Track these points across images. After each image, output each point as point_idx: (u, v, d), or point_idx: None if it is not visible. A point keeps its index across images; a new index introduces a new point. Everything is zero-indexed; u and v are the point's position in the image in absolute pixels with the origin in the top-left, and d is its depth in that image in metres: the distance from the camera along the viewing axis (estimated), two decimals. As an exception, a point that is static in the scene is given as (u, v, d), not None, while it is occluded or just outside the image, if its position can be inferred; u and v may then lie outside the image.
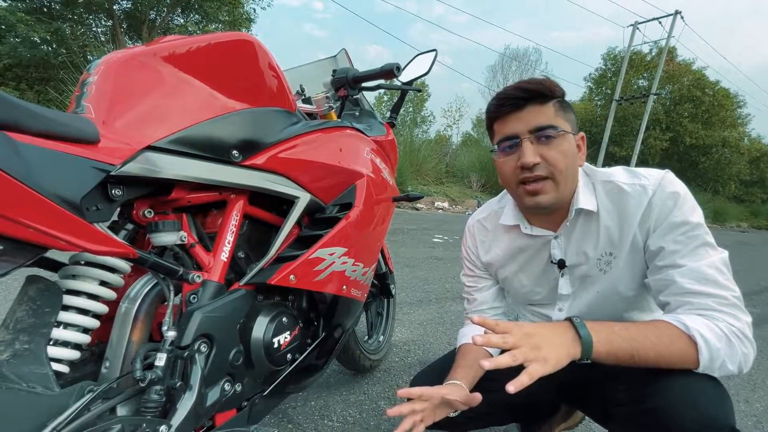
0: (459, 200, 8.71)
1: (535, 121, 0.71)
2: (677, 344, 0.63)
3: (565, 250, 0.82)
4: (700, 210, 0.71)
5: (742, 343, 0.64)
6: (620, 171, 0.78)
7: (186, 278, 0.66)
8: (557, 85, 0.73)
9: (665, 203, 0.70)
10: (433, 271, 3.16)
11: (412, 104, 20.75)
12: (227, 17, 10.28)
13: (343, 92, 1.15)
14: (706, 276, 0.66)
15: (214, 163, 0.67)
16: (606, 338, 0.64)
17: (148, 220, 0.66)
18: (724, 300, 0.65)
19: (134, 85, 0.63)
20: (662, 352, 0.63)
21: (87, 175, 0.50)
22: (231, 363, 0.70)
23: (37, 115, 0.48)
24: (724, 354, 0.63)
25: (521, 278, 0.91)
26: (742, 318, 0.65)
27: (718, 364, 0.63)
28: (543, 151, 0.71)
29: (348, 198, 0.95)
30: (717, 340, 0.63)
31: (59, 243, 0.46)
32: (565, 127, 0.72)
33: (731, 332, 0.64)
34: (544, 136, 0.71)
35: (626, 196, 0.73)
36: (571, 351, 0.62)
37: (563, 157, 0.72)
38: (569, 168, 0.73)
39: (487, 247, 0.94)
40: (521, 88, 0.72)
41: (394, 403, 1.35)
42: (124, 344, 0.63)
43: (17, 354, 0.50)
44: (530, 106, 0.72)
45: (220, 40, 0.72)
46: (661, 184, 0.71)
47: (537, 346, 0.60)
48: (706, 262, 0.67)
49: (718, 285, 0.66)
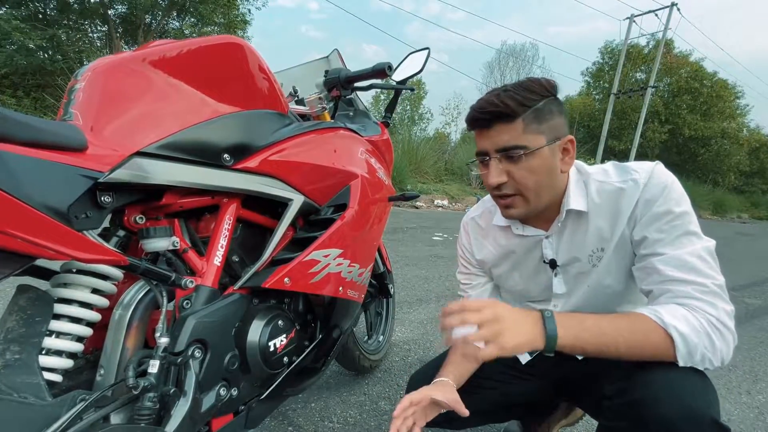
0: (459, 198, 8.69)
1: (501, 141, 0.71)
2: (651, 338, 0.64)
3: (556, 250, 0.82)
4: (688, 200, 0.71)
5: (721, 336, 0.63)
6: (611, 168, 0.77)
7: (179, 284, 0.66)
8: (533, 92, 0.70)
9: (652, 194, 0.70)
10: (433, 270, 3.15)
11: (410, 103, 20.73)
12: (222, 19, 10.27)
13: (336, 93, 1.14)
14: (687, 263, 0.66)
15: (205, 167, 0.67)
16: (574, 333, 0.64)
17: (139, 227, 0.66)
18: (704, 288, 0.65)
19: (122, 90, 0.62)
20: (634, 346, 0.64)
21: (74, 183, 0.50)
22: (226, 368, 0.69)
23: (22, 123, 0.47)
24: (703, 348, 0.63)
25: (515, 276, 0.91)
26: (720, 306, 0.64)
27: (698, 358, 0.63)
28: (510, 169, 0.72)
29: (342, 199, 0.94)
30: (695, 334, 0.63)
31: (47, 252, 0.46)
32: (536, 143, 0.70)
33: (710, 323, 0.63)
34: (509, 157, 0.72)
35: (619, 193, 0.73)
36: (535, 342, 0.64)
37: (530, 174, 0.72)
38: (540, 183, 0.73)
39: (480, 245, 0.94)
40: (484, 109, 0.72)
41: (394, 403, 1.35)
42: (119, 351, 0.63)
43: (8, 364, 0.50)
44: (498, 125, 0.71)
45: (208, 43, 0.71)
46: (651, 176, 0.71)
47: (500, 331, 0.62)
48: (688, 250, 0.67)
49: (699, 272, 0.66)
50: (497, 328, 0.62)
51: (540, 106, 0.71)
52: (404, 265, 3.21)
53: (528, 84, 0.71)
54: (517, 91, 0.70)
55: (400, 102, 1.34)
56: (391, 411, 1.29)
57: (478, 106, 0.73)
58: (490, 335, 0.62)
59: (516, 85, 0.72)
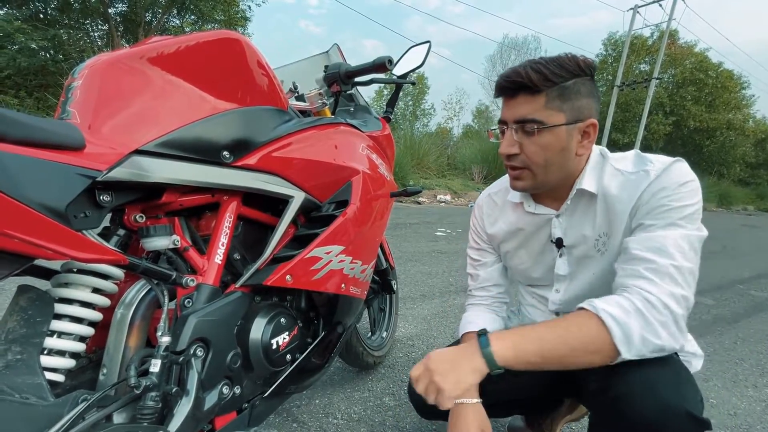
0: (461, 193, 8.67)
1: (520, 113, 0.72)
2: (586, 329, 0.64)
3: (565, 230, 0.83)
4: (697, 202, 0.69)
5: (656, 312, 0.62)
6: (631, 157, 0.77)
7: (180, 282, 0.65)
8: (565, 69, 0.69)
9: (660, 187, 0.69)
10: (436, 265, 3.15)
11: (412, 97, 20.64)
12: (222, 16, 10.23)
13: (337, 88, 1.13)
14: (655, 244, 0.66)
15: (204, 165, 0.66)
16: (511, 344, 0.65)
17: (139, 225, 0.65)
18: (655, 266, 0.64)
19: (120, 88, 0.61)
20: (572, 341, 0.64)
21: (72, 182, 0.49)
22: (229, 366, 0.69)
23: (19, 123, 0.47)
24: (638, 327, 0.62)
25: (521, 254, 0.92)
26: (664, 286, 0.63)
27: (638, 340, 0.62)
28: (524, 142, 0.73)
29: (344, 195, 0.94)
30: (625, 315, 0.63)
31: (45, 252, 0.46)
32: (554, 120, 0.70)
33: (643, 301, 0.63)
34: (524, 129, 0.72)
35: (629, 182, 0.73)
36: (475, 366, 0.65)
37: (542, 150, 0.72)
38: (549, 160, 0.73)
39: (492, 220, 0.96)
40: (510, 78, 0.72)
41: (398, 398, 1.35)
42: (121, 351, 0.63)
43: (9, 365, 0.50)
44: (521, 95, 0.71)
45: (206, 39, 0.70)
46: (666, 171, 0.70)
47: (435, 381, 0.65)
48: (667, 233, 0.66)
49: (661, 253, 0.65)
50: (434, 380, 0.65)
51: (568, 84, 0.70)
52: (407, 260, 3.20)
53: (563, 60, 0.70)
54: (549, 65, 0.69)
55: (402, 97, 1.33)
56: (396, 406, 1.30)
57: (506, 74, 0.73)
58: (426, 390, 0.65)
59: (551, 59, 0.71)
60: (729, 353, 1.96)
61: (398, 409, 1.30)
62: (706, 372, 1.67)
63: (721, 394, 1.56)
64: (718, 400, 1.51)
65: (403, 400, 1.34)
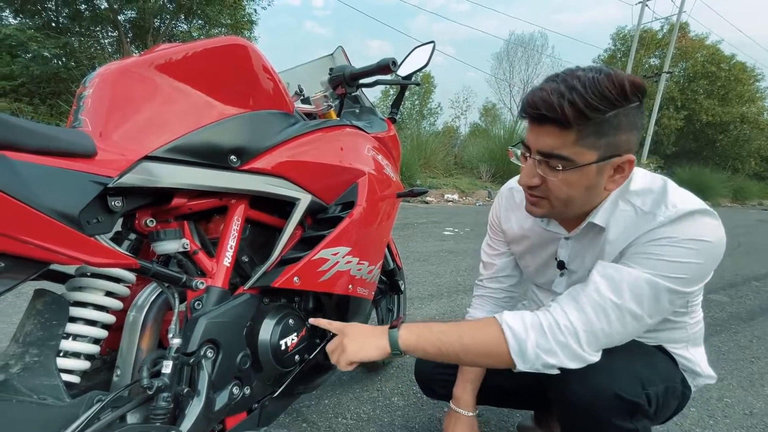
0: (469, 192, 8.62)
1: (546, 145, 0.64)
2: (486, 335, 0.69)
3: (569, 254, 0.82)
4: (700, 264, 0.62)
5: (560, 334, 0.64)
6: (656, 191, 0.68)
7: (189, 285, 0.67)
8: (605, 99, 0.58)
9: (665, 236, 0.63)
10: (444, 265, 3.14)
11: (418, 97, 20.60)
12: (229, 20, 10.33)
13: (342, 90, 1.14)
14: (614, 275, 0.64)
15: (212, 169, 0.67)
16: (416, 335, 0.72)
17: (150, 230, 0.67)
18: (596, 297, 0.64)
19: (129, 95, 0.63)
20: (468, 343, 0.69)
21: (85, 189, 0.51)
22: (238, 367, 0.70)
23: (33, 133, 0.48)
24: (534, 344, 0.65)
25: (527, 258, 0.93)
26: (586, 318, 0.63)
27: (533, 356, 0.65)
28: (547, 174, 0.66)
29: (350, 197, 0.94)
30: (524, 331, 0.66)
31: (60, 257, 0.47)
32: (584, 158, 0.62)
33: (551, 323, 0.65)
34: (549, 164, 0.65)
35: (635, 220, 0.68)
36: (380, 344, 0.72)
37: (566, 187, 0.66)
38: (572, 197, 0.67)
39: (507, 217, 0.95)
40: (540, 111, 0.61)
41: (407, 398, 1.35)
42: (134, 352, 0.64)
43: (27, 367, 0.51)
44: (549, 126, 0.62)
45: (212, 45, 0.72)
46: (678, 220, 0.62)
47: (341, 343, 0.73)
48: (633, 271, 0.63)
49: (613, 286, 0.64)
50: (342, 342, 0.73)
51: (608, 117, 0.59)
52: (415, 260, 3.20)
53: (605, 86, 0.58)
54: (588, 94, 0.58)
55: (409, 96, 1.33)
56: (405, 407, 1.30)
57: (532, 100, 0.62)
58: (334, 349, 0.74)
59: (592, 83, 0.58)
60: (744, 351, 1.92)
61: (407, 409, 1.30)
62: (720, 371, 1.65)
63: (736, 393, 1.53)
64: (734, 399, 1.49)
65: (413, 400, 1.35)
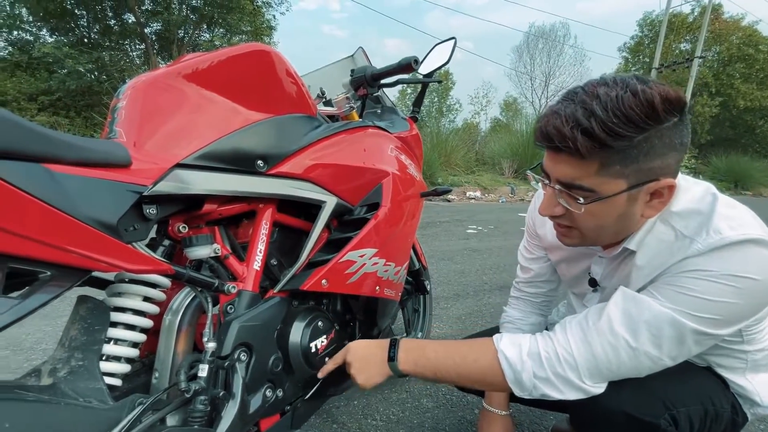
0: (491, 188, 8.48)
1: (564, 174, 0.57)
2: (482, 363, 0.68)
3: (603, 272, 0.77)
4: (738, 305, 0.54)
5: (559, 366, 0.61)
6: (703, 213, 0.58)
7: (222, 289, 0.68)
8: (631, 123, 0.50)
9: (700, 268, 0.55)
10: (469, 264, 3.10)
11: (437, 94, 20.44)
12: (249, 27, 10.58)
13: (363, 91, 1.14)
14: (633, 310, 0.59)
15: (240, 174, 0.68)
16: (413, 359, 0.73)
17: (183, 236, 0.68)
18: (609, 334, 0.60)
19: (160, 105, 0.65)
20: (463, 371, 0.70)
21: (122, 198, 0.52)
22: (271, 370, 0.71)
23: (72, 145, 0.50)
24: (530, 374, 0.63)
25: (563, 267, 0.90)
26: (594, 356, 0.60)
27: (529, 384, 0.63)
28: (569, 205, 0.60)
29: (375, 198, 0.94)
30: (520, 360, 0.64)
31: (101, 265, 0.49)
32: (609, 188, 0.55)
33: (549, 353, 0.63)
34: (570, 194, 0.58)
35: (671, 245, 0.60)
36: (383, 371, 0.75)
37: (593, 218, 0.59)
38: (602, 227, 0.61)
39: (542, 221, 0.88)
40: (553, 142, 0.55)
41: (436, 400, 1.34)
42: (171, 355, 0.66)
43: (73, 371, 0.53)
44: (566, 154, 0.56)
45: (237, 53, 0.73)
46: (719, 250, 0.54)
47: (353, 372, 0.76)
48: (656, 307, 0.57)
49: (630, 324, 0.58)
50: (350, 371, 0.76)
51: (636, 142, 0.51)
52: (439, 259, 3.17)
53: (629, 106, 0.49)
54: (608, 119, 0.49)
55: (427, 95, 1.32)
56: (434, 408, 1.28)
57: (545, 130, 0.56)
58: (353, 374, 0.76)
59: (613, 103, 0.50)
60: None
61: (436, 411, 1.29)
62: None
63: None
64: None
65: (441, 402, 1.33)
